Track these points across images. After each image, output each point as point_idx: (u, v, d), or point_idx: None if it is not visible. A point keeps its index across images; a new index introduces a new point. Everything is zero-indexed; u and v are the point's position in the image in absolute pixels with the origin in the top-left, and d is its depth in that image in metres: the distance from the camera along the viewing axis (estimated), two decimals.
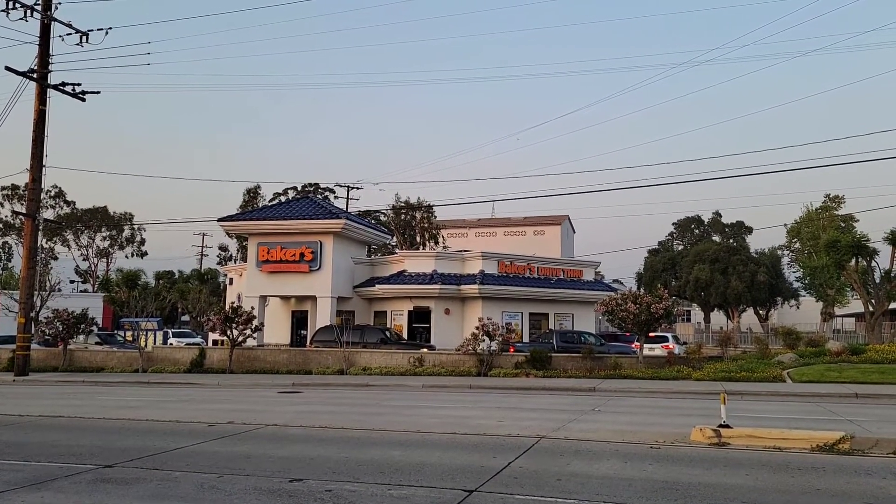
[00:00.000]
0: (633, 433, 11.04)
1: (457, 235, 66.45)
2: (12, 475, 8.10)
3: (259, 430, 11.67)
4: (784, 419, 12.99)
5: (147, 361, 27.37)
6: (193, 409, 14.99)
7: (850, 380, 20.32)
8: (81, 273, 70.35)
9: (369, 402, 16.87)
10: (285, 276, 32.23)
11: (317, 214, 33.07)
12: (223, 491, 7.27)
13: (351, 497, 6.97)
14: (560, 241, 68.16)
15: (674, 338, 34.49)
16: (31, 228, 25.53)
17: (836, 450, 9.29)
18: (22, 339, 25.36)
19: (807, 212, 58.03)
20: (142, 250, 72.57)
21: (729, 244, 65.08)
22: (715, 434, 10.11)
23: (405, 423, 12.34)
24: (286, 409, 15.23)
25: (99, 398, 17.97)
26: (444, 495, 7.01)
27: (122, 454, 9.37)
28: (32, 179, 25.28)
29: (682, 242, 73.15)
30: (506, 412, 14.19)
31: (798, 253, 60.63)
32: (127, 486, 7.52)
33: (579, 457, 9.10)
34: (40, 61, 24.79)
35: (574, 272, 36.17)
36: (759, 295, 58.24)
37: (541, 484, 7.50)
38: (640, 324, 24.42)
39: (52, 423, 12.93)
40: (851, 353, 25.65)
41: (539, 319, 33.99)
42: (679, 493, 7.08)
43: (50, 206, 65.43)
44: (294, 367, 26.61)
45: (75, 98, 25.30)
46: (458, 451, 9.61)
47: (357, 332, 28.21)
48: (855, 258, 33.78)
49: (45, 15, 24.77)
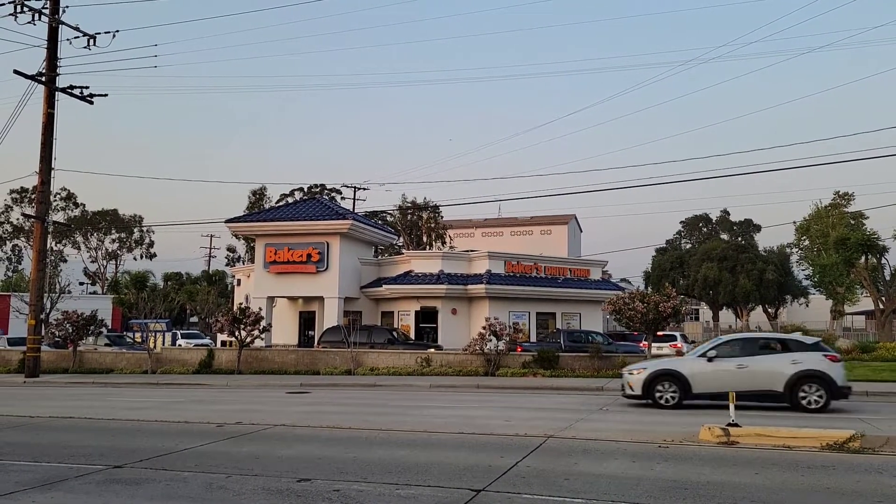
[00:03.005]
0: (642, 432, 11.02)
1: (463, 235, 66.37)
2: (23, 475, 8.16)
3: (267, 431, 11.71)
4: (793, 418, 12.93)
5: (156, 363, 27.47)
6: (202, 410, 15.04)
7: (861, 378, 20.19)
8: (90, 275, 70.69)
9: (377, 402, 16.89)
10: (292, 277, 32.31)
11: (323, 215, 33.12)
12: (232, 491, 7.29)
13: (359, 497, 6.98)
14: (567, 240, 68.00)
15: (682, 337, 34.37)
16: (40, 231, 25.68)
17: (846, 448, 9.24)
18: (32, 340, 25.52)
19: (816, 209, 57.71)
20: (151, 252, 72.87)
21: (737, 242, 64.83)
22: (723, 433, 10.07)
23: (413, 423, 12.36)
24: (294, 409, 15.27)
25: (108, 399, 18.06)
26: (452, 495, 7.01)
27: (131, 455, 9.42)
28: (41, 182, 25.43)
29: (689, 241, 72.93)
30: (513, 412, 14.18)
31: (807, 251, 60.30)
32: (136, 487, 7.56)
33: (587, 456, 9.09)
34: (48, 65, 24.92)
35: (581, 271, 36.09)
36: (767, 293, 57.98)
37: (549, 483, 7.50)
38: (647, 323, 24.33)
39: (63, 424, 13.01)
40: (861, 350, 25.54)
41: (546, 319, 33.93)
42: (688, 493, 7.05)
43: (60, 208, 65.79)
44: (302, 367, 26.67)
45: (83, 101, 25.44)
46: (465, 450, 9.61)
47: (364, 332, 28.24)
48: (865, 256, 33.64)
49: (52, 18, 24.91)
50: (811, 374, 13.99)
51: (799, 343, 15.09)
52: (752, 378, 14.28)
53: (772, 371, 14.28)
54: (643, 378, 15.10)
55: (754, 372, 14.32)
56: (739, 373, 14.35)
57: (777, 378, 14.14)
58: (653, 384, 14.94)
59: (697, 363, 14.95)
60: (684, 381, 14.70)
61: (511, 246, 56.46)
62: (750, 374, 14.30)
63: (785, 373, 14.11)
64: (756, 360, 14.56)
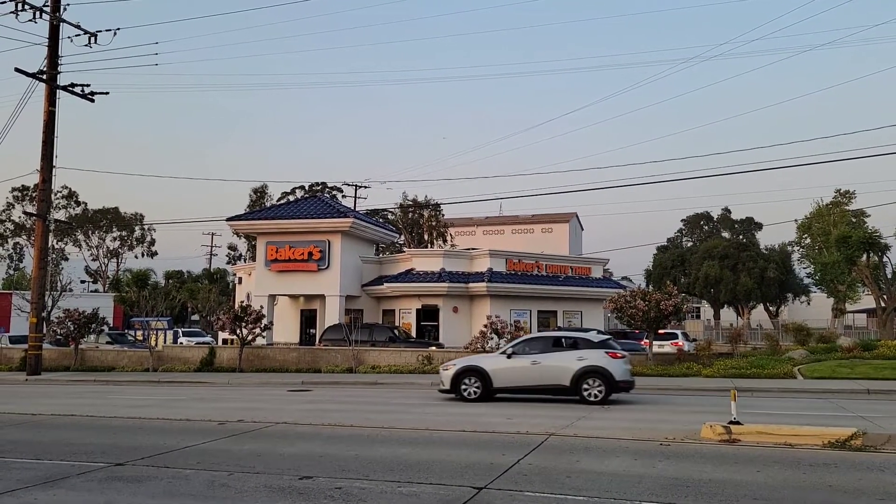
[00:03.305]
0: (643, 430, 11.01)
1: (464, 233, 66.37)
2: (25, 473, 8.17)
3: (269, 429, 11.71)
4: (795, 416, 12.92)
5: (157, 361, 27.50)
6: (204, 408, 15.06)
7: (862, 376, 20.19)
8: (92, 273, 70.78)
9: (378, 400, 16.90)
10: (294, 275, 32.31)
11: (325, 213, 33.12)
12: (234, 489, 7.30)
13: (360, 494, 6.98)
14: (568, 238, 67.97)
15: (683, 335, 34.35)
16: (41, 229, 25.70)
17: (847, 446, 9.23)
18: (34, 338, 25.55)
19: (817, 207, 57.65)
20: (152, 250, 72.94)
21: (738, 240, 64.72)
22: (725, 431, 10.07)
23: (414, 421, 12.36)
24: (296, 407, 15.28)
25: (110, 397, 18.08)
26: (454, 492, 7.01)
27: (133, 452, 9.43)
28: (43, 180, 25.44)
29: (691, 239, 72.86)
30: (514, 409, 14.18)
31: (808, 249, 60.23)
32: (138, 484, 7.56)
33: (589, 454, 9.09)
34: (49, 62, 24.93)
35: (582, 269, 36.09)
36: (769, 291, 57.91)
37: (550, 481, 7.49)
38: (649, 321, 24.33)
39: (64, 422, 13.03)
40: (863, 349, 25.48)
41: (547, 317, 33.92)
42: (689, 490, 7.05)
43: (62, 206, 65.83)
44: (303, 365, 26.68)
45: (84, 99, 25.44)
46: (467, 448, 9.61)
47: (366, 330, 28.24)
48: (866, 253, 33.59)
49: (54, 16, 24.91)
50: (593, 370, 15.20)
51: (587, 341, 16.22)
52: (544, 373, 15.48)
53: (560, 367, 15.40)
54: (451, 374, 16.05)
55: (545, 367, 15.50)
56: (533, 368, 15.58)
57: (565, 373, 15.28)
58: (459, 379, 15.91)
59: (498, 360, 16.09)
60: (486, 376, 15.79)
61: (512, 244, 56.43)
62: (542, 369, 15.52)
63: (571, 368, 15.26)
64: (548, 356, 15.72)
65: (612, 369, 15.25)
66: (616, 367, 15.34)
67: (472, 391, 15.77)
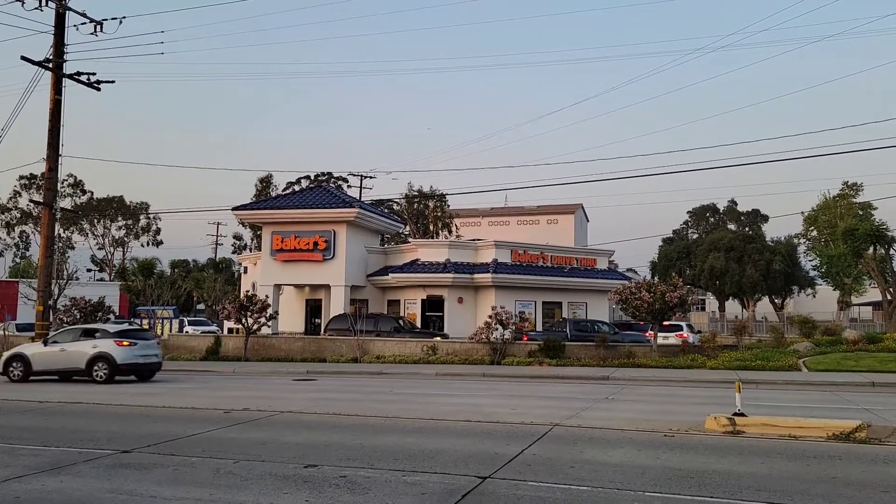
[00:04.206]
0: (647, 421, 11.02)
1: (470, 224, 66.32)
2: (32, 460, 8.23)
3: (274, 417, 11.77)
4: (799, 408, 12.92)
5: (163, 349, 27.59)
6: (209, 397, 15.14)
7: (867, 368, 20.16)
8: (98, 262, 71.06)
9: (383, 389, 16.96)
10: (299, 265, 32.38)
11: (330, 203, 33.14)
12: (239, 476, 7.34)
13: (365, 483, 7.02)
14: (574, 229, 67.86)
15: (688, 327, 34.31)
16: (48, 218, 25.77)
17: (852, 438, 9.23)
18: (40, 326, 25.64)
19: (824, 199, 57.45)
20: (157, 239, 73.18)
21: (744, 232, 64.54)
22: (729, 422, 10.07)
23: (419, 411, 12.40)
24: (301, 396, 15.35)
25: (115, 385, 18.19)
26: (458, 481, 7.04)
27: (139, 440, 9.49)
28: (49, 169, 25.48)
29: (696, 231, 72.70)
30: (519, 400, 14.21)
31: (815, 241, 60.06)
32: (145, 471, 7.62)
33: (593, 444, 9.11)
34: (55, 51, 24.91)
35: (588, 261, 36.05)
36: (774, 284, 57.76)
37: (554, 471, 7.51)
38: (654, 313, 24.31)
39: (71, 410, 13.12)
40: (868, 341, 25.43)
41: (552, 308, 33.94)
42: (693, 481, 7.06)
43: (68, 195, 66.02)
44: (308, 354, 26.79)
45: (90, 87, 25.41)
46: (471, 438, 9.64)
47: (371, 320, 28.32)
48: (873, 246, 33.48)
49: (59, 4, 24.85)
50: (101, 356, 18.59)
51: (105, 332, 19.59)
52: (68, 358, 18.90)
53: (80, 353, 18.81)
54: (3, 359, 19.59)
55: (70, 353, 18.93)
56: (62, 354, 19.01)
57: (83, 358, 18.68)
58: (9, 363, 19.39)
59: (38, 347, 19.67)
60: (27, 361, 19.27)
61: (517, 235, 56.41)
62: (67, 355, 18.95)
63: (87, 353, 18.70)
64: (74, 344, 19.13)
65: (116, 355, 18.49)
66: (119, 353, 18.55)
67: (17, 373, 19.14)
